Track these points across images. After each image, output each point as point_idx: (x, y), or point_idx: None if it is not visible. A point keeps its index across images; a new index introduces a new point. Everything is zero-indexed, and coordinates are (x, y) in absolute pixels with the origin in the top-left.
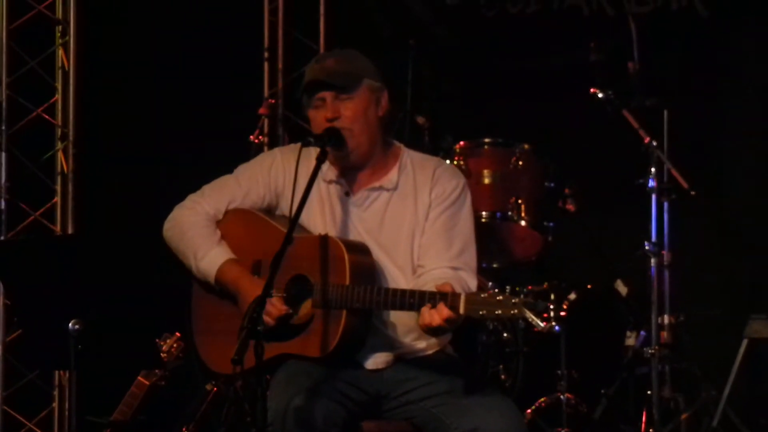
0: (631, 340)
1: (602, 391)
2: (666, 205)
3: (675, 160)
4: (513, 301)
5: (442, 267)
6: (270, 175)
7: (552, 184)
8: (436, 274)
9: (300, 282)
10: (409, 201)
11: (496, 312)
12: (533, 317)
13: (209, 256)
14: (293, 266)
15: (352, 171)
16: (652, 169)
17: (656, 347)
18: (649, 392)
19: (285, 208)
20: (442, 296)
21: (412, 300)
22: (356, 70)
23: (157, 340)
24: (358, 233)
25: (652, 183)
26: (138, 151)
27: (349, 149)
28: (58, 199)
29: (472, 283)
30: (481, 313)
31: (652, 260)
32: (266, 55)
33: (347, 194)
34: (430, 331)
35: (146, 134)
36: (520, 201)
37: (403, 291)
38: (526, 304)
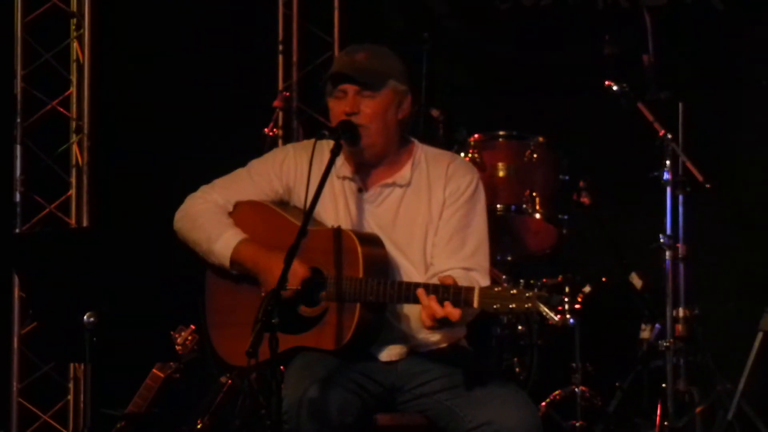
0: (645, 333)
1: (617, 384)
2: (681, 197)
3: (690, 152)
4: (527, 294)
5: (455, 268)
6: (282, 170)
7: (566, 177)
8: (448, 274)
9: (314, 274)
10: (423, 197)
11: (510, 306)
12: (547, 311)
13: (223, 238)
14: (307, 259)
15: (366, 167)
16: (667, 162)
17: (671, 340)
18: (663, 385)
19: (297, 202)
20: (456, 290)
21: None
22: (384, 69)
23: (171, 333)
24: (371, 229)
25: (666, 176)
26: (152, 143)
27: (363, 146)
28: (72, 191)
29: (484, 284)
30: (495, 307)
31: (667, 253)
32: (280, 47)
33: (360, 190)
34: (437, 323)
35: (160, 127)
36: (534, 194)
37: (417, 284)
38: (540, 297)
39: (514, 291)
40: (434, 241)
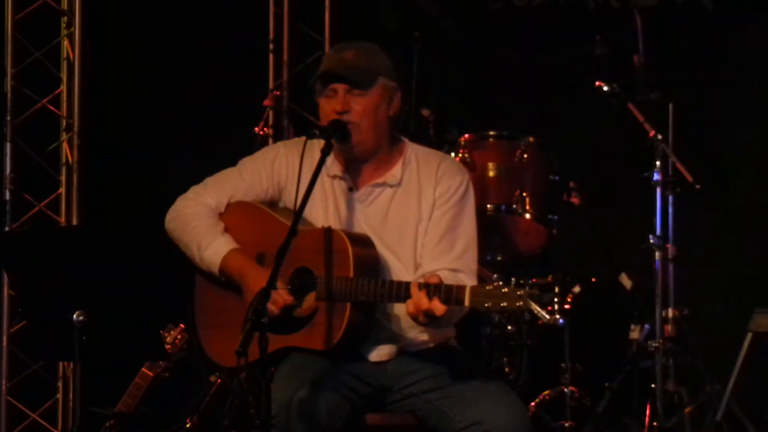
0: (635, 334)
1: (606, 384)
2: (671, 198)
3: (680, 153)
4: (518, 293)
5: (442, 269)
6: (273, 169)
7: (557, 177)
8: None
9: (303, 274)
10: (413, 197)
11: (502, 304)
12: (538, 309)
13: (213, 246)
14: (297, 258)
15: (356, 166)
16: (657, 163)
17: (660, 341)
18: (653, 386)
19: (288, 201)
20: (447, 288)
21: None
22: (374, 67)
23: (161, 332)
24: (361, 229)
25: (656, 176)
26: (143, 142)
27: (354, 143)
28: (62, 190)
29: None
30: (486, 305)
31: (657, 254)
32: (271, 47)
33: (351, 189)
34: (423, 317)
35: (151, 125)
36: (524, 194)
37: (408, 283)
38: (531, 296)
39: (506, 289)
40: (423, 242)
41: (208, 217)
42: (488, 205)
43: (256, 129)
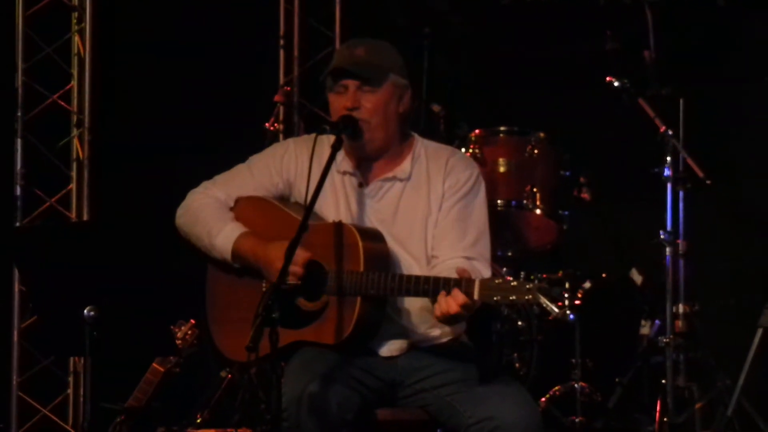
0: (645, 329)
1: (617, 380)
2: (681, 194)
3: (690, 148)
4: (527, 286)
5: (457, 257)
6: (282, 165)
7: (567, 173)
8: (450, 264)
9: (314, 268)
10: (423, 191)
11: (511, 297)
12: (547, 302)
13: (224, 232)
14: None
15: (366, 162)
16: (668, 158)
17: (671, 336)
18: (663, 381)
19: (297, 197)
20: (456, 282)
21: (427, 286)
22: (384, 64)
23: (171, 327)
24: (371, 224)
25: (667, 172)
26: (153, 137)
27: (364, 141)
28: (73, 185)
29: (486, 273)
30: (495, 299)
31: (667, 249)
32: (282, 42)
33: (361, 185)
34: (447, 319)
35: (161, 121)
36: (535, 189)
37: (418, 277)
38: (541, 289)
39: (515, 283)
40: (434, 233)
41: (217, 208)
42: (498, 201)
43: (267, 125)
